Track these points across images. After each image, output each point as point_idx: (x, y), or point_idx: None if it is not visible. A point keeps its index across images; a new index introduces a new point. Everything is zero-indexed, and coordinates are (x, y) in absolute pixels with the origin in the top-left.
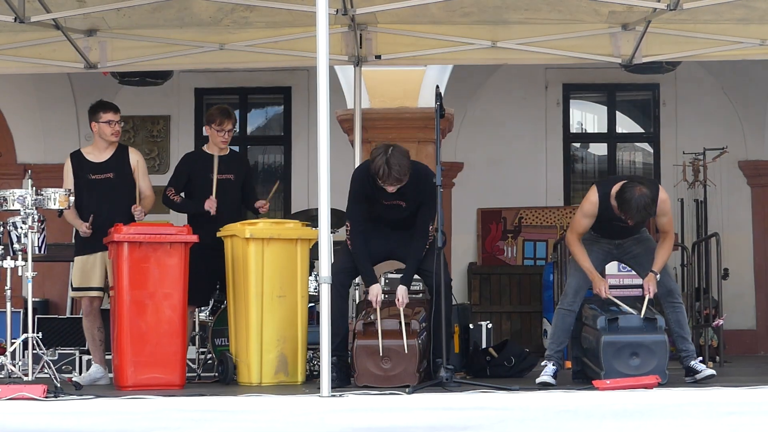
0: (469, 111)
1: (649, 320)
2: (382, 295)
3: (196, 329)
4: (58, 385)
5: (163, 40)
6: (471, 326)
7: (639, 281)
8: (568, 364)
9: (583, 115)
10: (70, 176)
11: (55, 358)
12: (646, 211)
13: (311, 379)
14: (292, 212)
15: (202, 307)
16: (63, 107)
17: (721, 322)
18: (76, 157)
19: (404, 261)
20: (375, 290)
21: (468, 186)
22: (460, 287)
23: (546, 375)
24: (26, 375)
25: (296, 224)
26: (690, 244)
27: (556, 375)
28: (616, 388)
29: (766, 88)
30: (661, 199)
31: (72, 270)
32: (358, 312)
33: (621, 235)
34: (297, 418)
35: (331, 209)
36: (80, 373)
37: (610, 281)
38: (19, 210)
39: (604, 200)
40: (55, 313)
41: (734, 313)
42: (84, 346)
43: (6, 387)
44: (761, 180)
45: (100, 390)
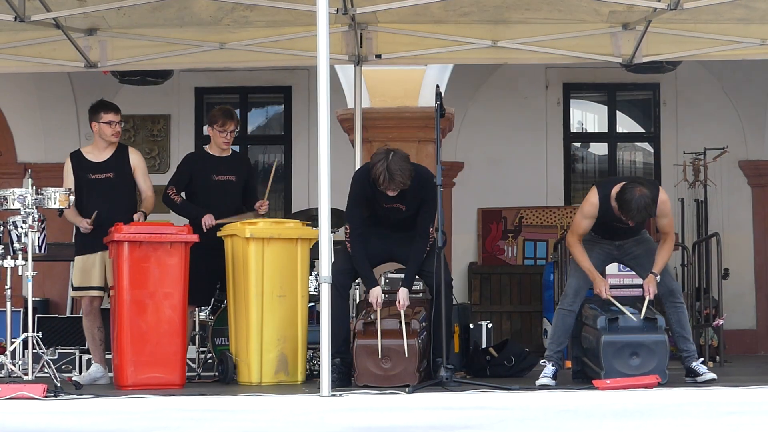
0: (470, 110)
1: (650, 320)
2: (383, 296)
3: (196, 329)
4: (58, 385)
5: (163, 40)
6: (471, 326)
7: (639, 281)
8: (568, 363)
9: (584, 114)
10: (70, 176)
11: (55, 357)
12: (646, 211)
13: (311, 378)
14: (292, 212)
15: (202, 307)
16: (63, 106)
17: (721, 322)
18: (75, 156)
19: (404, 263)
20: (375, 293)
21: (468, 186)
22: (460, 287)
23: (545, 377)
24: (26, 374)
25: (296, 224)
26: (690, 244)
27: (555, 375)
28: (616, 388)
29: (766, 88)
30: (661, 200)
31: (72, 270)
32: (358, 312)
33: (621, 236)
34: (297, 417)
35: (332, 209)
36: (80, 372)
37: (610, 281)
38: (19, 209)
39: (604, 202)
40: (55, 313)
41: (734, 313)
42: (84, 345)
43: (6, 386)
44: (762, 180)
45: (100, 389)
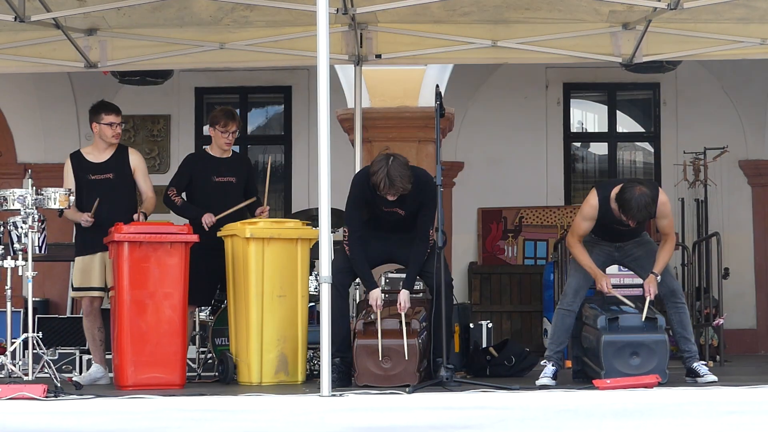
0: (470, 110)
1: (650, 320)
2: (383, 298)
3: (197, 329)
4: (59, 385)
5: (163, 40)
6: (471, 326)
7: (639, 281)
8: (568, 363)
9: (584, 114)
10: (70, 176)
11: (56, 357)
12: (646, 209)
13: (311, 378)
14: (292, 212)
15: (202, 307)
16: (63, 106)
17: (721, 322)
18: (75, 157)
19: (404, 264)
20: (375, 295)
21: (468, 185)
22: (460, 287)
23: (545, 377)
24: (26, 375)
25: (296, 224)
26: (690, 244)
27: (555, 376)
28: (617, 388)
29: (766, 88)
30: (661, 201)
31: (72, 270)
32: (358, 311)
33: (622, 238)
34: (297, 417)
35: (332, 209)
36: (80, 372)
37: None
38: (19, 210)
39: (603, 204)
40: (56, 313)
41: (735, 313)
42: (84, 345)
43: (6, 387)
44: (762, 179)
45: (101, 390)
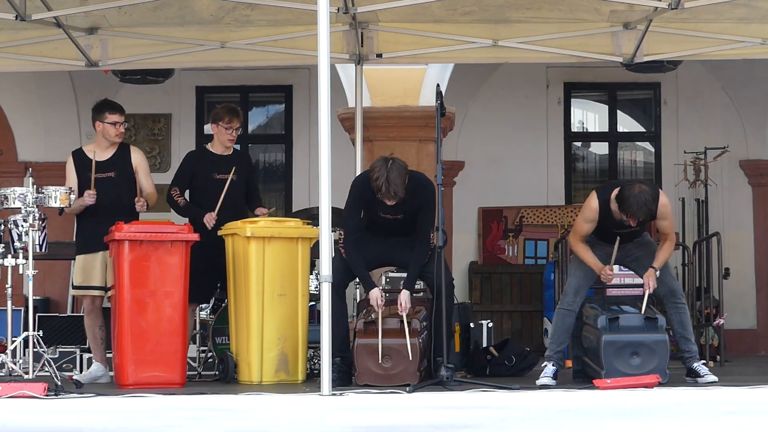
0: (470, 110)
1: (650, 320)
2: (383, 297)
3: (197, 328)
4: (59, 384)
5: (164, 38)
6: (472, 325)
7: (639, 281)
8: (568, 363)
9: (584, 113)
10: (72, 174)
11: (56, 356)
12: (646, 207)
13: (312, 377)
14: (293, 211)
15: (202, 305)
16: (64, 105)
17: (721, 322)
18: (78, 155)
19: (402, 266)
20: (375, 294)
21: (469, 185)
22: (460, 286)
23: (545, 377)
24: (27, 373)
25: (297, 223)
26: (691, 244)
27: (556, 375)
28: (617, 388)
29: (767, 88)
30: (662, 203)
31: (73, 268)
32: (358, 311)
33: (622, 239)
34: (297, 416)
35: (332, 208)
36: (81, 371)
37: None
38: (20, 208)
39: (603, 206)
40: (56, 312)
41: (735, 313)
42: (85, 344)
43: (7, 385)
44: (762, 179)
45: (101, 388)
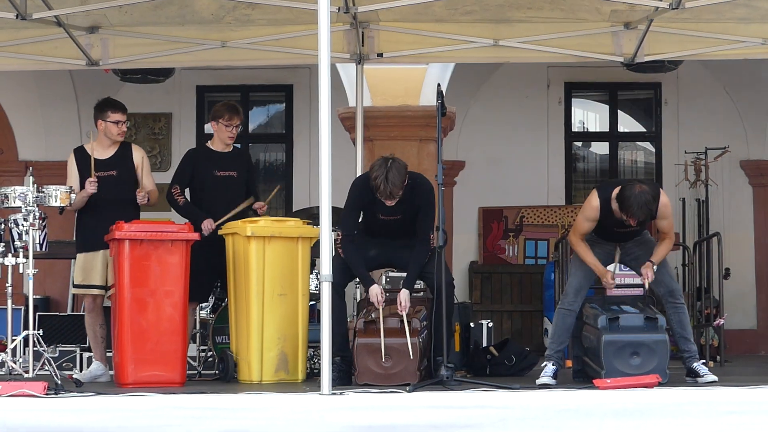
0: (471, 109)
1: (650, 320)
2: (383, 294)
3: (197, 327)
4: (59, 382)
5: (164, 38)
6: (472, 325)
7: (640, 281)
8: (568, 363)
9: (585, 113)
10: (74, 171)
11: (56, 355)
12: (647, 207)
13: (312, 377)
14: (293, 210)
15: (202, 304)
16: (64, 104)
17: (722, 322)
18: (79, 152)
19: (402, 268)
20: (374, 291)
21: (469, 185)
22: (461, 286)
23: (546, 376)
24: (27, 372)
25: (297, 222)
26: (691, 244)
27: (556, 375)
28: (617, 388)
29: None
30: (662, 203)
31: (74, 266)
32: (359, 310)
33: (623, 237)
34: (297, 416)
35: (333, 207)
36: (81, 370)
37: None
38: (20, 207)
39: (604, 205)
40: (56, 311)
41: (735, 313)
42: (84, 343)
43: (6, 384)
44: (763, 180)
45: (101, 387)
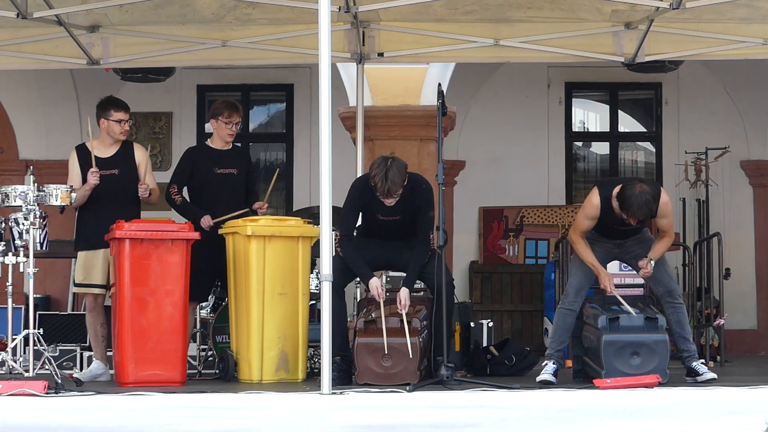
0: (471, 109)
1: (650, 320)
2: (384, 286)
3: (197, 326)
4: (59, 382)
5: (165, 37)
6: (472, 324)
7: (640, 281)
8: (568, 363)
9: (586, 113)
10: (76, 168)
11: (56, 354)
12: (647, 207)
13: (312, 376)
14: (293, 210)
15: (202, 303)
16: (65, 103)
17: (722, 322)
18: (81, 150)
19: (402, 269)
20: (375, 284)
21: (470, 184)
22: (461, 285)
23: (546, 373)
24: (27, 371)
25: (298, 222)
26: (692, 244)
27: (556, 373)
28: (617, 387)
29: None
30: (663, 201)
31: (74, 265)
32: (359, 310)
33: (623, 235)
34: (297, 415)
35: (333, 207)
36: (81, 369)
37: None
38: (20, 206)
39: (605, 203)
40: (57, 310)
41: (735, 313)
42: (85, 342)
43: (7, 383)
44: (763, 180)
45: (101, 386)
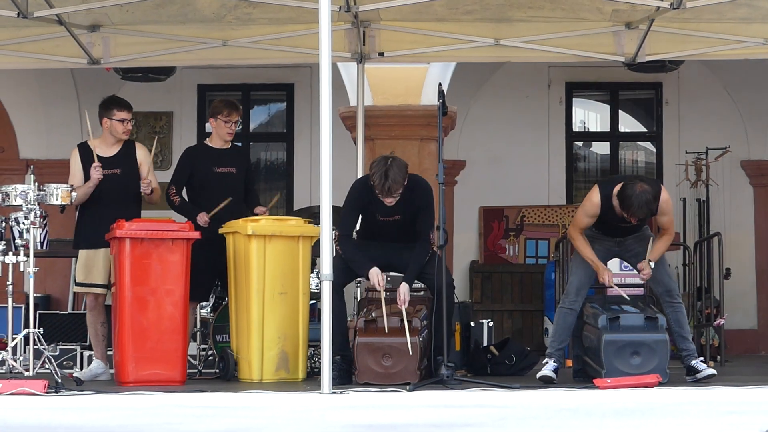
0: (472, 109)
1: (650, 319)
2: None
3: (198, 326)
4: (59, 381)
5: (166, 36)
6: (472, 324)
7: (640, 280)
8: (569, 362)
9: (586, 113)
10: (78, 166)
11: (56, 353)
12: (647, 207)
13: (312, 376)
14: (294, 209)
15: (202, 303)
16: (66, 103)
17: (722, 322)
18: (83, 147)
19: (402, 270)
20: (374, 272)
21: (470, 184)
22: (461, 285)
23: (547, 369)
24: (27, 370)
25: (298, 221)
26: (692, 244)
27: (557, 371)
28: (617, 387)
29: None
30: (663, 199)
31: (75, 264)
32: (359, 309)
33: (623, 233)
34: (298, 414)
35: (333, 206)
36: (81, 368)
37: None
38: (21, 205)
39: (605, 201)
40: (57, 309)
41: (736, 313)
42: (85, 341)
43: (7, 382)
44: (764, 180)
45: (101, 385)
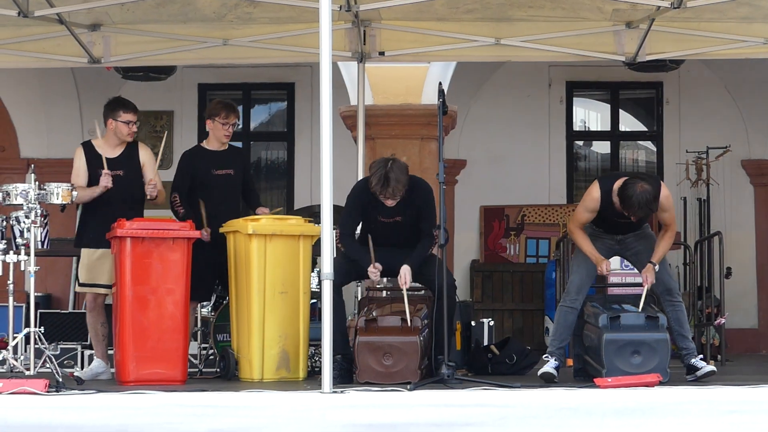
0: (472, 108)
1: (651, 318)
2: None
3: (198, 325)
4: (60, 380)
5: (166, 35)
6: (473, 323)
7: (641, 280)
8: (569, 361)
9: (587, 112)
10: (83, 164)
11: (57, 352)
12: (648, 207)
13: (313, 375)
14: (294, 208)
15: (203, 302)
16: (66, 102)
17: (722, 321)
18: (87, 146)
19: None
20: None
21: (471, 183)
22: (462, 284)
23: (548, 366)
24: (28, 369)
25: (299, 220)
26: (693, 243)
27: (558, 369)
28: (618, 386)
29: None
30: (664, 195)
31: (77, 263)
32: (360, 309)
33: (623, 230)
34: (298, 414)
35: (334, 206)
36: (82, 367)
37: (612, 279)
38: (22, 204)
39: (605, 197)
40: (58, 308)
41: (736, 312)
42: (86, 340)
43: (8, 381)
44: (764, 179)
45: (102, 385)
